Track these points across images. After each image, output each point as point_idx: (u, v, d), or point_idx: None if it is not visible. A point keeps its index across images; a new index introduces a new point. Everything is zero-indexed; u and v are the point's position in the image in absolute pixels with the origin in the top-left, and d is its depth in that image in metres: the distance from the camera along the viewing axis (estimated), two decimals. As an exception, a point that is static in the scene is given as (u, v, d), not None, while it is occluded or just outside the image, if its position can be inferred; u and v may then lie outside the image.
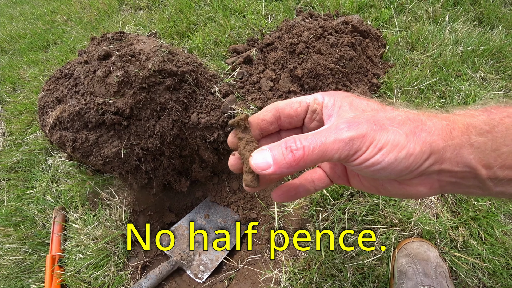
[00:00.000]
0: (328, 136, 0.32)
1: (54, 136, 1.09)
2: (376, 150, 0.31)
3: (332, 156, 0.32)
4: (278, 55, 1.15)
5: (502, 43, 1.31)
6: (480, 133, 0.31)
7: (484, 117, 0.32)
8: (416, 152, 0.31)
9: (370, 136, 0.31)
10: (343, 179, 0.43)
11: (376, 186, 0.39)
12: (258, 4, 1.64)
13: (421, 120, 0.33)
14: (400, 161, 0.31)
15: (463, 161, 0.31)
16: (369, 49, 1.22)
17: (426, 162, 0.31)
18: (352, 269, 0.88)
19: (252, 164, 0.34)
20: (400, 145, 0.31)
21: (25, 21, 2.45)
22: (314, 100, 0.40)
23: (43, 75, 1.76)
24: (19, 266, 1.11)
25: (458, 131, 0.31)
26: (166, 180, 1.23)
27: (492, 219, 0.92)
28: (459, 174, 0.32)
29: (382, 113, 0.33)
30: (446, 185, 0.34)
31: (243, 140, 0.38)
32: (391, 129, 0.31)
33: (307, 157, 0.32)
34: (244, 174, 0.37)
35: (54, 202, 1.22)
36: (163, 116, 1.08)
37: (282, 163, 0.32)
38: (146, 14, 1.87)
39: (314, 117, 0.41)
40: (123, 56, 1.05)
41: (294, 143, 0.32)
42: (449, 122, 0.32)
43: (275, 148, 0.33)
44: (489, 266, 0.86)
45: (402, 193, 0.36)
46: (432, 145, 0.31)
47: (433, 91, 1.18)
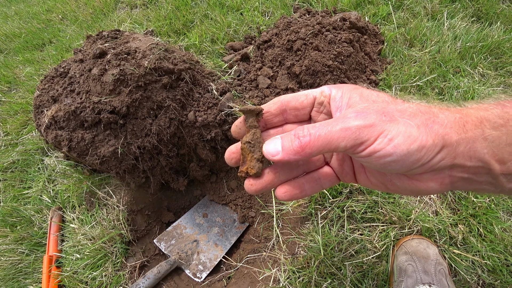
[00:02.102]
0: (335, 125, 0.31)
1: (49, 135, 1.08)
2: (386, 141, 0.30)
3: (338, 144, 0.31)
4: (275, 52, 1.14)
5: (501, 39, 1.31)
6: (494, 126, 0.30)
7: (498, 110, 0.31)
8: (428, 145, 0.30)
9: (379, 126, 0.30)
10: (350, 176, 0.42)
11: (384, 182, 0.38)
12: (255, 1, 1.63)
13: (433, 113, 0.32)
14: (413, 154, 0.30)
15: (476, 156, 0.30)
16: (367, 46, 1.21)
17: (438, 155, 0.30)
18: (351, 267, 0.88)
19: (263, 150, 0.36)
20: (412, 136, 0.30)
21: (20, 20, 2.42)
22: (321, 93, 0.40)
23: (38, 74, 1.74)
24: (16, 267, 1.10)
25: (472, 125, 0.30)
26: (164, 179, 1.22)
27: (491, 216, 0.92)
28: (472, 169, 0.31)
29: (393, 105, 0.33)
30: (457, 181, 0.33)
31: (254, 130, 0.39)
32: (402, 121, 0.31)
33: (313, 144, 0.32)
34: (250, 162, 0.39)
35: (50, 202, 1.21)
36: (160, 114, 1.06)
37: (289, 149, 0.33)
38: (142, 12, 1.85)
39: (322, 109, 0.40)
40: (119, 54, 1.04)
41: (302, 130, 0.33)
42: (462, 115, 0.31)
43: (285, 136, 0.34)
44: (488, 263, 0.85)
45: (411, 189, 0.35)
46: (445, 137, 0.30)
47: (432, 88, 1.18)
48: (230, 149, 0.42)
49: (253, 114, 0.39)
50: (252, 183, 0.39)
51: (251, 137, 0.39)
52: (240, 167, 0.40)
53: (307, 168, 0.43)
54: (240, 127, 0.41)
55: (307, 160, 0.42)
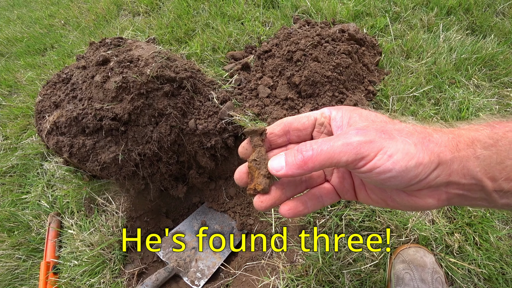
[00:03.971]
0: (337, 141, 0.33)
1: (51, 141, 1.08)
2: (386, 157, 0.31)
3: (340, 159, 0.32)
4: (275, 62, 1.17)
5: (494, 51, 1.34)
6: (485, 146, 0.32)
7: (488, 131, 0.33)
8: (425, 162, 0.31)
9: (379, 143, 0.32)
10: (351, 193, 0.44)
11: (384, 198, 0.39)
12: (256, 11, 1.66)
13: (428, 132, 0.34)
14: (411, 170, 0.31)
15: (469, 173, 0.32)
16: (365, 57, 1.23)
17: (434, 172, 0.32)
18: (349, 276, 0.88)
19: (268, 166, 0.38)
20: (410, 153, 0.31)
21: (22, 24, 2.44)
22: (321, 114, 0.42)
23: (40, 79, 1.75)
24: (12, 272, 1.10)
25: (464, 144, 0.32)
26: (163, 186, 1.23)
27: (486, 224, 0.93)
28: (466, 186, 0.33)
29: (391, 125, 0.35)
30: (453, 197, 0.35)
31: (259, 148, 0.42)
32: (400, 139, 0.32)
33: (315, 158, 0.33)
34: (257, 178, 0.41)
35: (49, 208, 1.21)
36: (161, 122, 1.08)
37: (292, 164, 0.34)
38: (144, 19, 1.88)
39: (322, 130, 0.42)
40: (122, 62, 1.05)
41: (305, 146, 0.35)
42: (454, 135, 0.33)
43: (289, 152, 0.36)
44: (484, 272, 0.87)
45: (410, 205, 0.37)
46: (440, 155, 0.32)
47: (428, 98, 1.20)
48: (239, 169, 0.43)
49: (257, 134, 0.42)
50: (262, 200, 0.41)
51: (256, 155, 0.41)
52: (249, 185, 0.42)
53: (309, 184, 0.44)
54: (246, 147, 0.43)
55: (309, 176, 0.44)
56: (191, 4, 1.82)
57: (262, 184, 0.40)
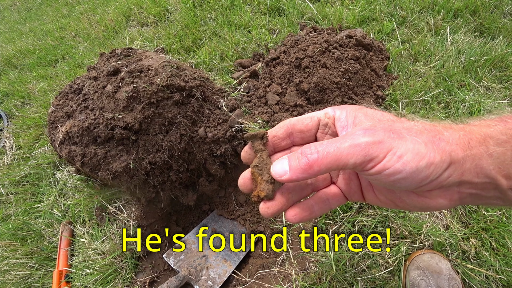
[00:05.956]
0: (344, 142, 0.31)
1: (63, 150, 1.10)
2: (395, 158, 0.30)
3: (348, 161, 0.31)
4: (284, 69, 1.18)
5: (504, 52, 1.33)
6: (498, 143, 0.30)
7: (500, 127, 0.31)
8: (436, 161, 0.30)
9: (388, 143, 0.30)
10: (358, 194, 0.42)
11: (393, 199, 0.38)
12: (262, 19, 1.68)
13: (438, 130, 0.32)
14: (422, 170, 0.30)
15: (483, 172, 0.31)
16: (373, 62, 1.24)
17: (446, 172, 0.31)
18: (363, 283, 0.87)
19: (271, 171, 0.36)
20: (420, 153, 0.30)
21: (34, 37, 2.51)
22: (325, 115, 0.40)
23: (51, 90, 1.79)
24: (25, 281, 1.11)
25: (476, 142, 0.31)
26: (173, 194, 1.23)
27: (503, 229, 0.91)
28: (479, 185, 0.32)
29: (399, 123, 0.33)
30: (466, 197, 0.33)
31: (260, 153, 0.40)
32: (409, 138, 0.31)
33: (321, 161, 0.31)
34: (260, 184, 0.39)
35: (61, 217, 1.23)
36: (171, 130, 1.09)
37: (296, 168, 0.33)
38: (152, 30, 1.92)
39: (326, 131, 0.41)
40: (132, 72, 1.07)
41: (309, 148, 0.33)
42: (465, 132, 0.32)
43: (292, 155, 0.34)
44: (503, 278, 0.84)
45: (421, 205, 0.35)
46: (452, 154, 0.30)
47: (438, 102, 1.19)
48: (243, 175, 0.42)
49: (257, 138, 0.40)
50: (268, 206, 0.39)
51: (257, 160, 0.39)
52: (253, 192, 0.40)
53: (315, 187, 0.43)
54: (249, 152, 0.42)
55: (315, 179, 0.43)
56: (198, 13, 1.85)
57: (265, 191, 0.38)
